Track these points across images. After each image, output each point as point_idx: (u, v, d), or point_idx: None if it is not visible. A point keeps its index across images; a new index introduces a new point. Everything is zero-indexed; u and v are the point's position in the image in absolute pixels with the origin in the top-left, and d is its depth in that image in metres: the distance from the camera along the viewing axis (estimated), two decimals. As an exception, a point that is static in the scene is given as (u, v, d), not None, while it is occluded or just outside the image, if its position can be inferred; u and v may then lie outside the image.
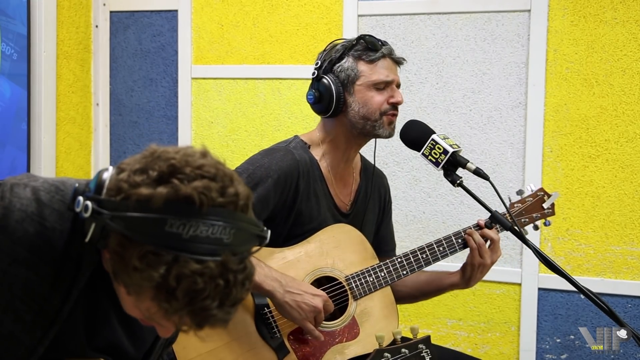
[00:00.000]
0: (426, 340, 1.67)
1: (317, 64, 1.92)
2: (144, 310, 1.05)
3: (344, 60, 1.88)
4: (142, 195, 0.99)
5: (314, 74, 1.92)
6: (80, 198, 1.04)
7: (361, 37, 1.91)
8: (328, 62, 1.90)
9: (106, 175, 1.05)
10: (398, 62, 1.94)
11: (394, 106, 1.90)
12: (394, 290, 1.95)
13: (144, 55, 3.14)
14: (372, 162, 2.06)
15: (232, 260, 1.00)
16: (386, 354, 1.64)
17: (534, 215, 1.96)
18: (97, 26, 3.16)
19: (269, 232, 1.09)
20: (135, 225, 0.98)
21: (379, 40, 1.91)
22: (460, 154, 1.77)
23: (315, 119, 2.01)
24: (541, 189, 1.98)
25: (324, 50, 1.94)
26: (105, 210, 1.00)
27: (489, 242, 1.91)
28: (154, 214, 0.97)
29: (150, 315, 1.04)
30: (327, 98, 1.88)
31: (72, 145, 3.07)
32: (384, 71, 1.89)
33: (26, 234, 1.11)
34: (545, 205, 1.96)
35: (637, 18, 2.50)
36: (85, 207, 1.02)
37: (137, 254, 0.97)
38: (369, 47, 1.89)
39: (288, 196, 1.85)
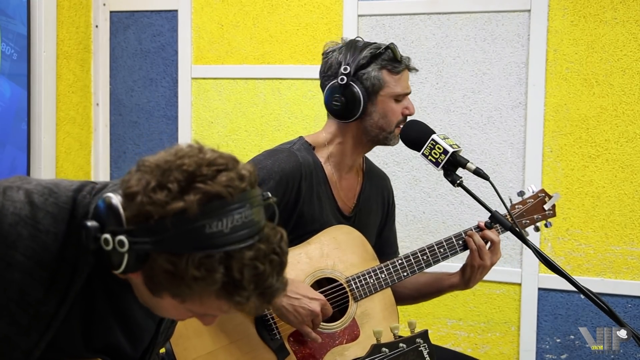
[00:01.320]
0: (423, 334, 1.66)
1: (345, 69, 1.84)
2: (212, 309, 1.06)
3: (370, 68, 1.85)
4: (176, 210, 0.98)
5: (342, 79, 1.84)
6: (108, 235, 1.02)
7: (388, 47, 1.87)
8: (354, 66, 1.84)
9: (116, 203, 1.02)
10: (412, 72, 1.94)
11: (405, 117, 1.91)
12: (393, 292, 1.95)
13: (144, 55, 3.13)
14: (375, 164, 2.05)
15: (270, 234, 1.04)
16: (384, 349, 1.63)
17: (535, 216, 1.96)
18: (97, 26, 3.16)
19: (269, 193, 1.12)
20: (180, 241, 0.98)
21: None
22: (460, 154, 1.77)
23: (316, 119, 2.00)
24: (542, 190, 1.97)
25: (349, 50, 1.87)
26: (143, 238, 0.99)
27: (489, 244, 1.90)
28: (193, 222, 0.98)
29: (220, 312, 1.06)
30: (352, 105, 1.85)
31: (72, 145, 3.07)
32: (405, 83, 1.90)
33: (20, 237, 1.10)
34: (546, 207, 1.96)
35: (637, 18, 2.49)
36: (120, 243, 1.00)
37: (192, 265, 0.98)
38: (394, 57, 1.87)
39: (290, 198, 1.85)
